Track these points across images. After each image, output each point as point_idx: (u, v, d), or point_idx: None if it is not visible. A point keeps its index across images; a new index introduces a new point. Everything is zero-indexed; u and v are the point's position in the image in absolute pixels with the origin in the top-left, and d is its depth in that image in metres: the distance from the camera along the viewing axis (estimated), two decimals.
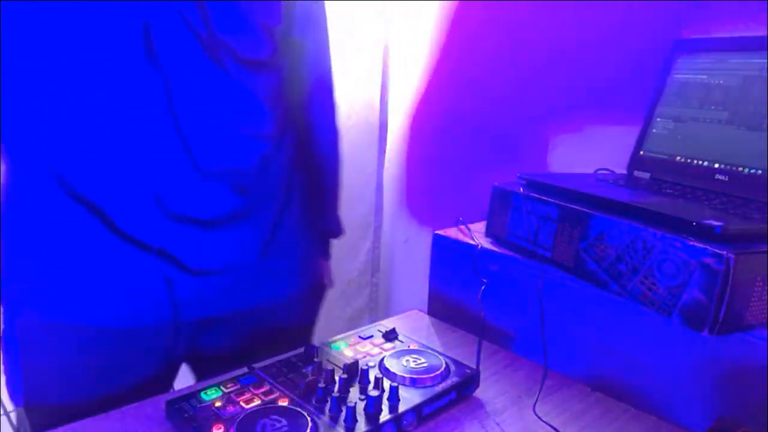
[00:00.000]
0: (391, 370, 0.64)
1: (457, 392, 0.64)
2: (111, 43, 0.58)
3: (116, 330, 0.67)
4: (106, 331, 0.66)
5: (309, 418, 0.55)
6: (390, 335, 0.73)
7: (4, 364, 0.70)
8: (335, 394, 0.58)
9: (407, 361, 0.66)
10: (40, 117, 0.61)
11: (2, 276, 0.67)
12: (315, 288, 0.88)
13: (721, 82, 0.75)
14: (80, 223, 0.63)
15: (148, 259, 0.65)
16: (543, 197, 0.71)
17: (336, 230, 0.92)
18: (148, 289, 0.66)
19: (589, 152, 1.07)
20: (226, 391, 0.59)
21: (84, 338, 0.66)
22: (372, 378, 0.61)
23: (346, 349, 0.70)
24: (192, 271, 0.67)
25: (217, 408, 0.56)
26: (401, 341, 0.72)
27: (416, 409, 0.58)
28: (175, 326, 0.71)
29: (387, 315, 1.57)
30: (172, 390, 0.74)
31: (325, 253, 0.93)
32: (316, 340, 0.87)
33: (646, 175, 0.81)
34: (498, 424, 0.61)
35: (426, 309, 0.90)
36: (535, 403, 0.64)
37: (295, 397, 0.59)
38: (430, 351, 0.69)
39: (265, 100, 0.70)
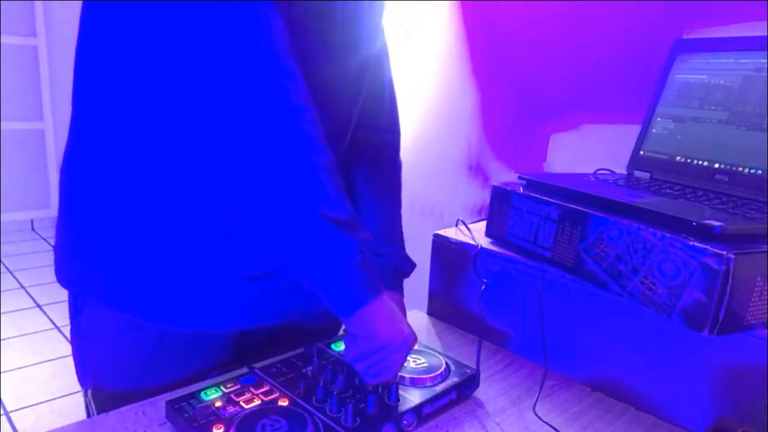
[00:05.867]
0: None
1: (457, 392, 0.64)
2: None
3: (174, 333, 0.66)
4: (165, 332, 0.66)
5: (309, 418, 0.55)
6: None
7: (73, 348, 0.72)
8: (335, 394, 0.58)
9: (407, 361, 0.66)
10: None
11: (74, 268, 0.67)
12: None
13: (721, 82, 0.75)
14: (150, 225, 0.62)
15: (210, 263, 0.64)
16: (543, 197, 0.71)
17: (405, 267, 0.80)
18: (210, 298, 0.65)
19: (589, 152, 1.07)
20: (226, 391, 0.59)
21: (143, 335, 0.66)
22: None
23: None
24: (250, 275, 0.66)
25: (217, 408, 0.56)
26: None
27: (416, 409, 0.58)
28: (230, 334, 0.70)
29: None
30: None
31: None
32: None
33: (646, 175, 0.81)
34: (498, 424, 0.61)
35: (426, 309, 0.90)
36: (535, 403, 0.64)
37: (295, 397, 0.59)
38: (430, 351, 0.69)
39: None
